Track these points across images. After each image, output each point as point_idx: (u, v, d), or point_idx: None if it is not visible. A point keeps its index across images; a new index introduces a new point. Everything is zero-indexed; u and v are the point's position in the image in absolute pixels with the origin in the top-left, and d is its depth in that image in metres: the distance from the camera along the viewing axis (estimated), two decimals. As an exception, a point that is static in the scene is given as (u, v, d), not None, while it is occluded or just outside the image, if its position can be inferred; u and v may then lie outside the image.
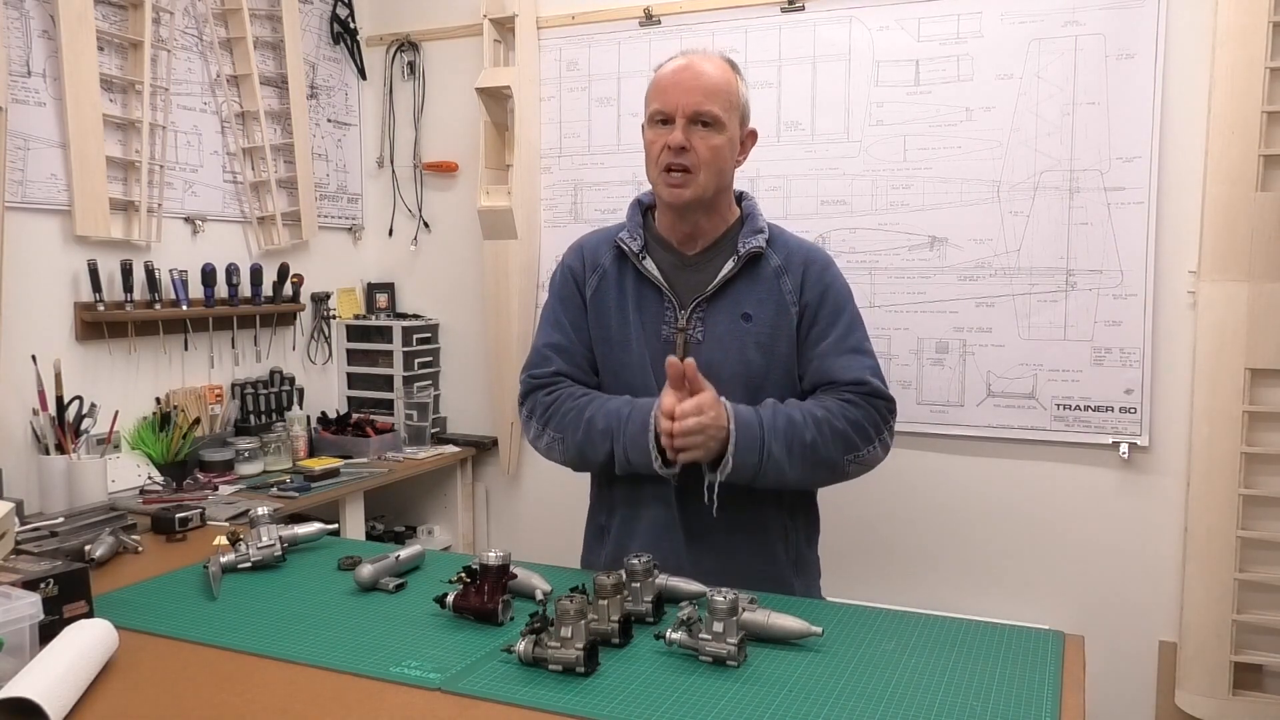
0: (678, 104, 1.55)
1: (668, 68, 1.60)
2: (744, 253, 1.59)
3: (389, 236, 3.28)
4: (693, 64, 1.58)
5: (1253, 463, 2.27)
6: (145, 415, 2.48)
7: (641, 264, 1.62)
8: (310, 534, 1.71)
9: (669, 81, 1.58)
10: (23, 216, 2.21)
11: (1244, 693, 2.30)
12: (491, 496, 3.19)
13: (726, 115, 1.57)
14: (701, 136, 1.55)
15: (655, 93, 1.59)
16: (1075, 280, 2.40)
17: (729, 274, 1.59)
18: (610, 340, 1.65)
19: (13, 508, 1.65)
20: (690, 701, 1.11)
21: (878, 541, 2.64)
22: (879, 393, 1.58)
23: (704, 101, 1.55)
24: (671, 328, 1.61)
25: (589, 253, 1.70)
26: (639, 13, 2.79)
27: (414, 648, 1.27)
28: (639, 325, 1.63)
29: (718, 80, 1.57)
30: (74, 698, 1.10)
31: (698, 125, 1.55)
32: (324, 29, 3.09)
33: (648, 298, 1.63)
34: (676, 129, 1.55)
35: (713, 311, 1.60)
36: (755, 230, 1.63)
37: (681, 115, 1.55)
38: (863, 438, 1.56)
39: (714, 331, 1.59)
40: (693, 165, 1.55)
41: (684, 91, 1.55)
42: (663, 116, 1.57)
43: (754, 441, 1.48)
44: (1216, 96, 2.23)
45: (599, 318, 1.67)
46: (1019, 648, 1.28)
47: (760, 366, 1.58)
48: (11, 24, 2.17)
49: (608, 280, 1.66)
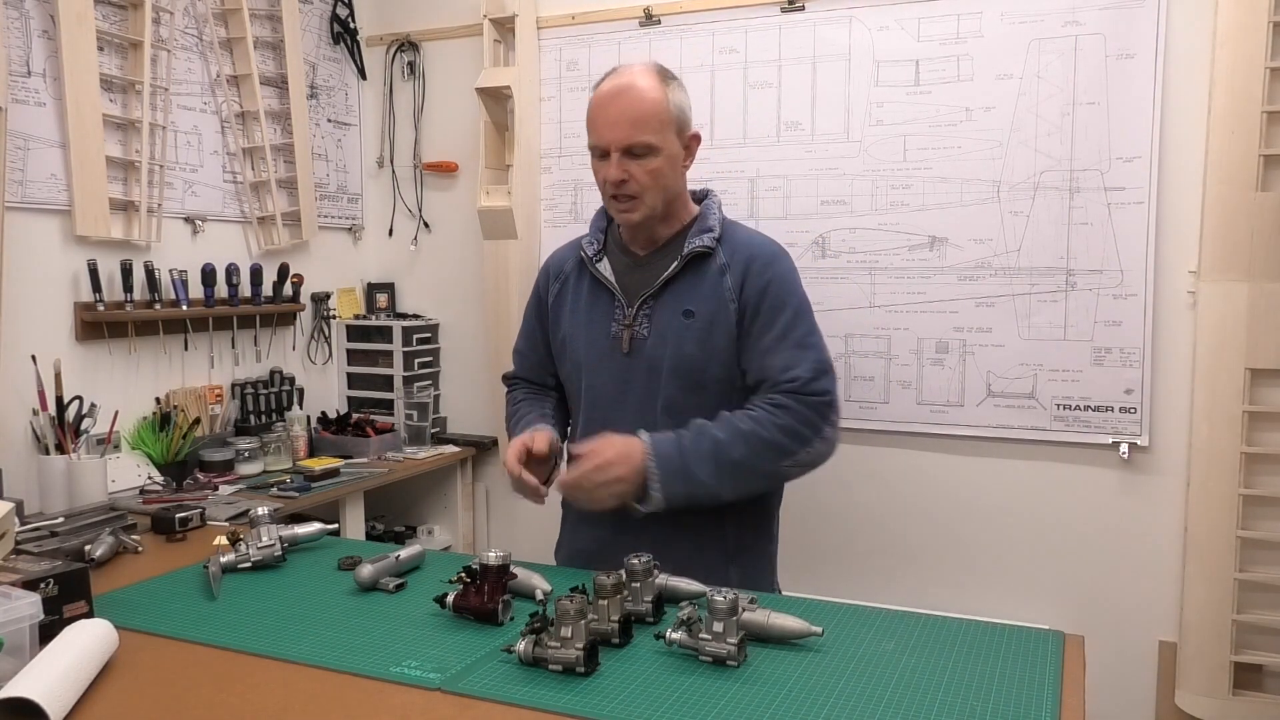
0: (609, 140, 1.61)
1: (597, 97, 1.64)
2: (686, 253, 1.65)
3: (389, 236, 3.28)
4: (620, 93, 1.61)
5: (1253, 463, 2.27)
6: (145, 415, 2.48)
7: (594, 267, 1.72)
8: (310, 534, 1.71)
9: (599, 116, 1.62)
10: (23, 216, 2.21)
11: (1244, 693, 2.30)
12: (491, 496, 3.19)
13: (659, 137, 1.60)
14: (639, 165, 1.61)
15: (589, 124, 1.65)
16: (1075, 280, 2.40)
17: (671, 273, 1.65)
18: (566, 339, 1.76)
19: (13, 508, 1.65)
20: (690, 701, 1.11)
21: (878, 541, 2.64)
22: (814, 390, 1.58)
23: (633, 134, 1.59)
24: (620, 324, 1.69)
25: (555, 263, 1.83)
26: (639, 13, 2.79)
27: (414, 648, 1.27)
28: (590, 323, 1.72)
29: (646, 105, 1.60)
30: (74, 698, 1.10)
31: (632, 155, 1.60)
32: (324, 29, 3.09)
33: (601, 298, 1.72)
34: (611, 164, 1.60)
35: (658, 308, 1.66)
36: (704, 230, 1.67)
37: (614, 150, 1.60)
38: (797, 440, 1.57)
39: (657, 328, 1.66)
40: (635, 191, 1.62)
41: (612, 126, 1.60)
42: (599, 151, 1.63)
43: (676, 472, 1.53)
44: (1216, 96, 2.23)
45: (557, 320, 1.79)
46: (1019, 648, 1.28)
47: (698, 361, 1.63)
48: (11, 24, 2.17)
49: (568, 285, 1.78)
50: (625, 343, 1.67)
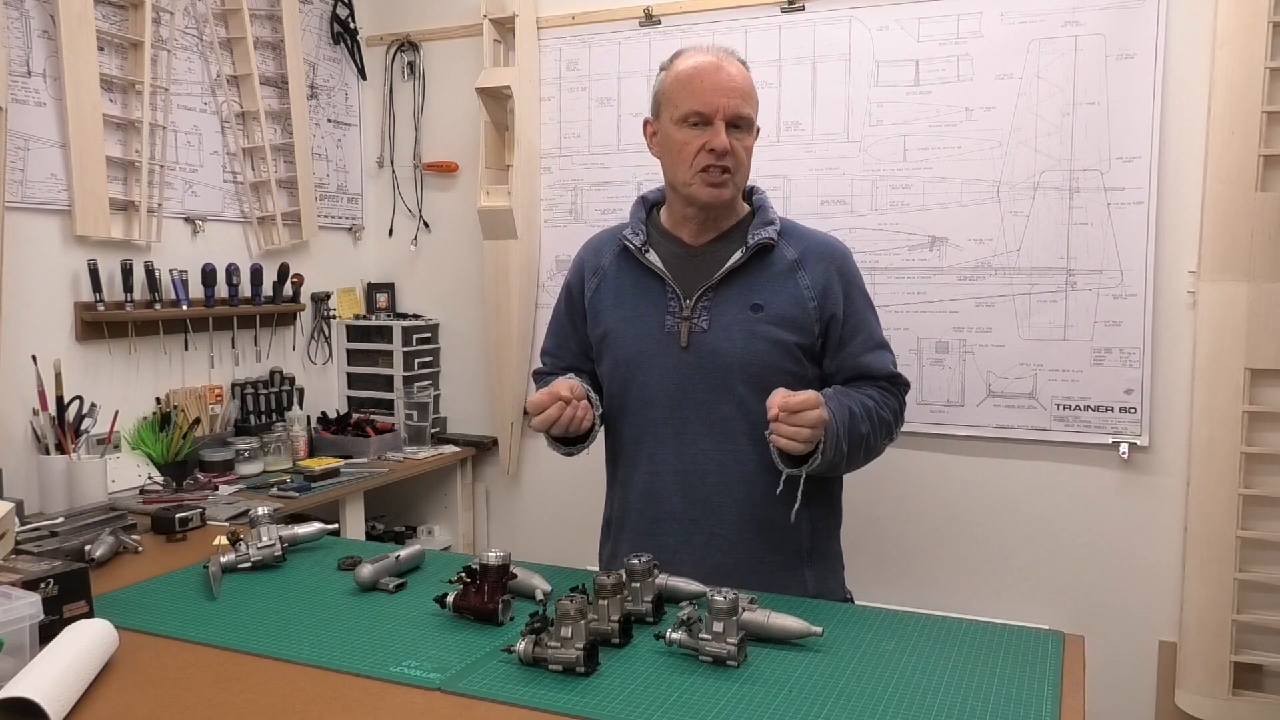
0: (718, 106, 1.55)
1: (696, 66, 1.58)
2: (753, 243, 1.60)
3: (389, 236, 3.28)
4: (723, 64, 1.58)
5: (1253, 463, 2.27)
6: (145, 415, 2.48)
7: (644, 257, 1.64)
8: (310, 534, 1.71)
9: (708, 82, 1.56)
10: (23, 216, 2.21)
11: (1244, 693, 2.30)
12: (491, 496, 3.19)
13: (757, 118, 1.62)
14: (738, 139, 1.57)
15: (689, 93, 1.57)
16: (1075, 280, 2.40)
17: (736, 263, 1.60)
18: (609, 334, 1.67)
19: (13, 508, 1.65)
20: (690, 701, 1.11)
21: (878, 541, 2.64)
22: (906, 381, 1.70)
23: (742, 105, 1.57)
24: (675, 317, 1.61)
25: (590, 257, 1.75)
26: (639, 13, 2.79)
27: (414, 648, 1.27)
28: (639, 317, 1.64)
29: (747, 82, 1.60)
30: (74, 698, 1.10)
31: (734, 128, 1.57)
32: (324, 29, 3.09)
33: (650, 290, 1.64)
34: (719, 132, 1.55)
35: (719, 301, 1.60)
36: (766, 222, 1.64)
37: (722, 118, 1.55)
38: (896, 423, 1.67)
39: (720, 320, 1.59)
40: (732, 167, 1.57)
41: (723, 93, 1.56)
42: (700, 118, 1.56)
43: (832, 437, 1.49)
44: (1216, 96, 2.23)
45: (597, 316, 1.70)
46: (1019, 648, 1.28)
47: (767, 356, 1.59)
48: (11, 24, 2.17)
49: (608, 279, 1.70)
50: (683, 336, 1.60)
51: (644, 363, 1.62)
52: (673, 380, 1.60)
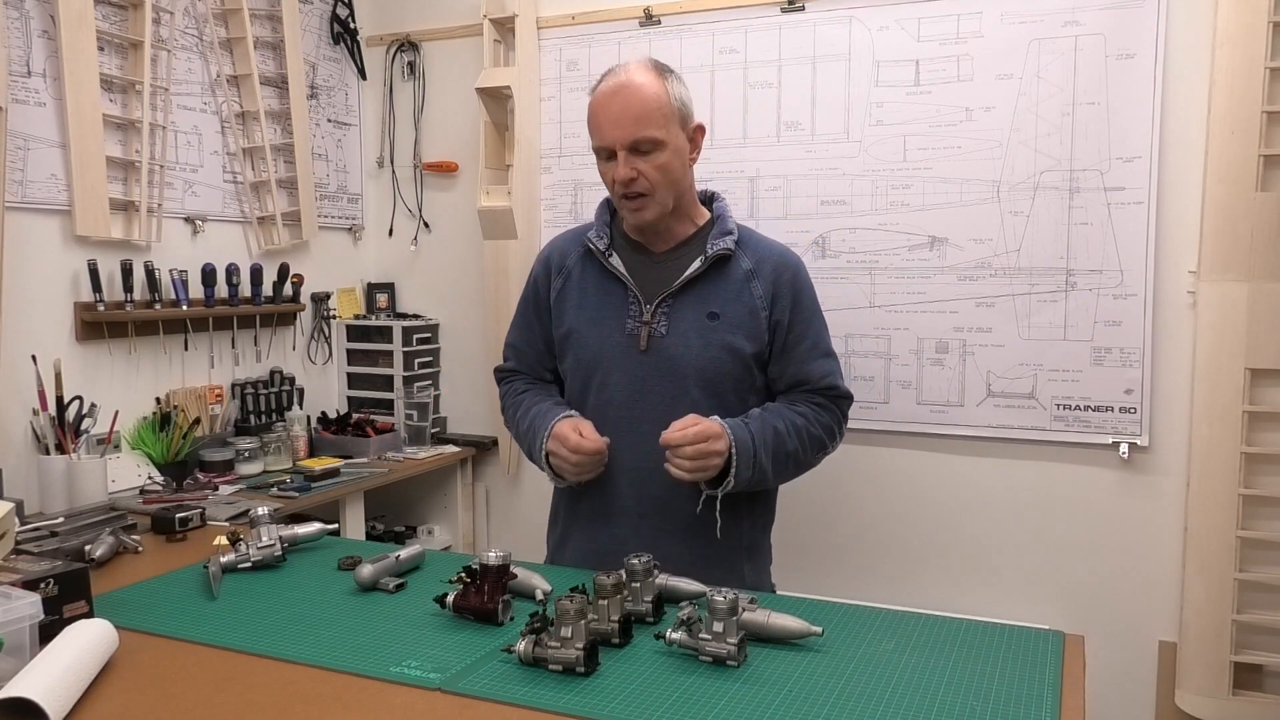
0: (613, 140, 1.59)
1: (596, 99, 1.63)
2: (711, 253, 1.65)
3: (389, 236, 3.28)
4: (619, 90, 1.60)
5: (1253, 463, 2.27)
6: (145, 415, 2.48)
7: (607, 261, 1.69)
8: (310, 534, 1.71)
9: (602, 117, 1.61)
10: (23, 216, 2.21)
11: (1244, 693, 2.30)
12: (491, 496, 3.19)
13: (665, 131, 1.60)
14: (646, 162, 1.59)
15: (592, 128, 1.64)
16: (1075, 280, 2.40)
17: (695, 272, 1.65)
18: (571, 334, 1.73)
19: (13, 508, 1.65)
20: (690, 701, 1.11)
21: (878, 541, 2.64)
22: (845, 394, 1.73)
23: (637, 129, 1.58)
24: (636, 321, 1.67)
25: (555, 256, 1.79)
26: (639, 13, 2.79)
27: (414, 648, 1.27)
28: (601, 319, 1.69)
29: (647, 100, 1.59)
30: (74, 698, 1.10)
31: (637, 152, 1.58)
32: (324, 29, 3.09)
33: (613, 293, 1.70)
34: (619, 163, 1.59)
35: (678, 307, 1.66)
36: (724, 232, 1.68)
37: (620, 148, 1.59)
38: (830, 437, 1.70)
39: (678, 326, 1.65)
40: (645, 189, 1.61)
41: (615, 124, 1.59)
42: (605, 152, 1.62)
43: (747, 457, 1.56)
44: (1216, 96, 2.23)
45: (561, 315, 1.75)
46: (1019, 648, 1.28)
47: (721, 363, 1.65)
48: (11, 24, 2.17)
49: (572, 280, 1.75)
50: (643, 340, 1.66)
51: (604, 363, 1.69)
52: (631, 381, 1.67)
